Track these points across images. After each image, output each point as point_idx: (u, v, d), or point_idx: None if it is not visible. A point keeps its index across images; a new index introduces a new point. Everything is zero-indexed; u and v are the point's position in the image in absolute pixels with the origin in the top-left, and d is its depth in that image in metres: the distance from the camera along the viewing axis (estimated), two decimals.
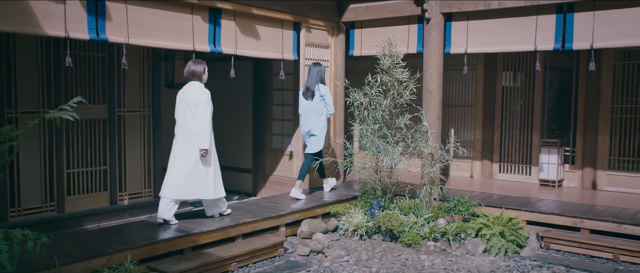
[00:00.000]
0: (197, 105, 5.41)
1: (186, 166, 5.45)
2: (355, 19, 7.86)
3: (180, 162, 5.47)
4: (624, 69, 7.67)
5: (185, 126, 5.48)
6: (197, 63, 5.59)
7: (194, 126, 5.43)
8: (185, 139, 5.47)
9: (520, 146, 8.57)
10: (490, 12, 6.68)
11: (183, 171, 5.45)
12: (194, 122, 5.43)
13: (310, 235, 6.25)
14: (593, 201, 6.91)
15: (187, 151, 5.45)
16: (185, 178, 5.46)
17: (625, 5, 5.91)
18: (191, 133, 5.43)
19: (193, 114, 5.43)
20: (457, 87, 9.03)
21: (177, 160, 5.49)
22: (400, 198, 6.98)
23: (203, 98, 5.44)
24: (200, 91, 5.50)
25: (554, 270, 5.45)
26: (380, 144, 6.64)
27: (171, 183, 5.47)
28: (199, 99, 5.42)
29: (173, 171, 5.49)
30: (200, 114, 5.41)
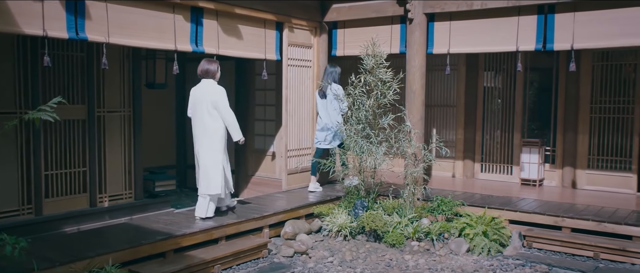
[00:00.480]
0: (216, 103, 5.63)
1: (209, 161, 5.69)
2: (337, 19, 7.84)
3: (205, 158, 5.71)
4: (602, 70, 7.78)
5: (202, 123, 5.69)
6: (210, 62, 5.77)
7: (210, 122, 5.65)
8: (203, 136, 5.69)
9: (502, 146, 8.64)
10: (472, 12, 6.72)
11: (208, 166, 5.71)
12: (211, 119, 5.64)
13: (294, 236, 6.21)
14: (573, 200, 7.00)
15: (207, 147, 5.68)
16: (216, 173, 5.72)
17: (604, 7, 5.98)
18: (208, 129, 5.65)
19: (210, 112, 5.64)
20: (439, 87, 9.08)
21: (202, 157, 5.73)
22: (383, 198, 6.98)
23: (221, 97, 5.66)
24: (216, 89, 5.70)
25: (537, 269, 5.50)
26: (363, 144, 6.63)
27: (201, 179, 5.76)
28: (217, 97, 5.64)
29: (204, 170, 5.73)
30: (223, 111, 5.65)
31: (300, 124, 7.80)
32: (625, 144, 7.64)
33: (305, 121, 7.87)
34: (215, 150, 5.70)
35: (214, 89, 5.68)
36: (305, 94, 7.85)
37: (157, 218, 6.14)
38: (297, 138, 7.77)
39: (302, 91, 7.77)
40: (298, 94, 7.74)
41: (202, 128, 5.68)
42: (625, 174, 7.60)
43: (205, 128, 5.66)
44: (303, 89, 7.80)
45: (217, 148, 5.70)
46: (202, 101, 5.67)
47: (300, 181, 7.77)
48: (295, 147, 7.75)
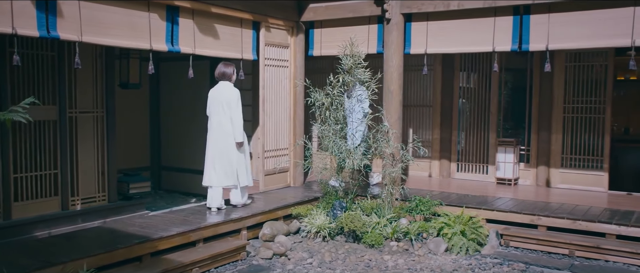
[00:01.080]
0: (229, 103, 6.08)
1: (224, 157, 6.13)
2: (314, 18, 7.80)
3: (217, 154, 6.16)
4: (574, 71, 7.91)
5: (218, 122, 6.15)
6: (227, 65, 6.23)
7: (225, 121, 6.10)
8: (218, 134, 6.16)
9: (478, 146, 8.72)
10: (449, 13, 6.75)
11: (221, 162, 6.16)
12: (226, 118, 6.09)
13: (272, 237, 6.15)
14: (547, 199, 7.09)
15: (222, 144, 6.13)
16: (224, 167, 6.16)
17: (578, 8, 6.08)
18: (224, 127, 6.12)
19: (225, 111, 6.09)
20: (416, 87, 9.11)
21: (215, 153, 6.18)
22: (362, 198, 6.97)
23: (234, 97, 6.11)
24: (231, 90, 6.16)
25: (514, 267, 5.55)
26: (342, 144, 6.60)
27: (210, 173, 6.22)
28: (231, 98, 6.10)
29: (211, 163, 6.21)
30: (233, 111, 6.08)
31: (277, 124, 7.74)
32: (597, 144, 7.78)
33: (283, 122, 7.81)
34: (229, 146, 6.13)
35: (230, 91, 6.13)
36: (282, 94, 7.78)
37: (132, 221, 6.01)
38: (274, 138, 7.70)
39: (279, 91, 7.71)
40: (275, 94, 7.67)
41: (218, 126, 6.15)
42: (597, 172, 7.74)
43: (221, 126, 6.13)
44: (280, 89, 7.74)
45: (230, 144, 6.14)
46: (218, 101, 6.14)
47: (277, 182, 7.71)
48: (273, 148, 7.68)
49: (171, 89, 9.30)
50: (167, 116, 9.43)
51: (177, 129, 9.27)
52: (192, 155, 9.06)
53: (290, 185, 7.94)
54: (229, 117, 6.09)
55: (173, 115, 9.32)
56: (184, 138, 9.19)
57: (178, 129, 9.26)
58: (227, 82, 6.21)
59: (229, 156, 6.16)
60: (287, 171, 7.89)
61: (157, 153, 9.49)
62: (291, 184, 7.95)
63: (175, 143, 9.30)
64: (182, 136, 9.21)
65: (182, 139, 9.20)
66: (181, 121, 9.22)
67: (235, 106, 6.09)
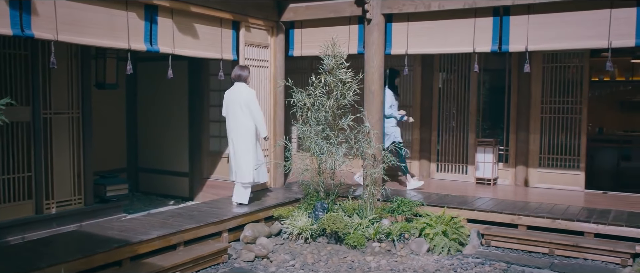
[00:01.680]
0: (248, 104, 6.41)
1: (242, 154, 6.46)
2: (295, 18, 7.75)
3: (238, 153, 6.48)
4: (551, 71, 8.02)
5: (235, 121, 6.47)
6: (243, 68, 6.62)
7: (243, 120, 6.42)
8: (237, 132, 6.47)
9: (457, 146, 8.77)
10: (430, 13, 6.76)
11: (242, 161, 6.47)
12: (243, 117, 6.41)
13: (254, 239, 6.08)
14: (526, 198, 7.16)
15: (241, 142, 6.45)
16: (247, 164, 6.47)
17: (556, 10, 6.14)
18: (241, 126, 6.44)
19: (242, 111, 6.41)
20: None
21: (236, 152, 6.51)
22: (343, 199, 6.94)
23: (252, 97, 6.45)
24: (248, 91, 6.48)
25: (496, 267, 5.57)
26: (323, 145, 6.56)
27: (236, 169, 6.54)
28: (249, 98, 6.43)
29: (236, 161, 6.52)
30: (254, 110, 6.42)
31: None
32: (574, 144, 7.89)
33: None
34: (248, 144, 6.46)
35: (247, 92, 6.45)
36: (263, 95, 7.70)
37: (110, 224, 5.87)
38: None
39: (259, 91, 7.63)
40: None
41: (235, 125, 6.47)
42: (574, 172, 7.86)
43: (238, 125, 6.44)
44: (260, 90, 7.66)
45: (249, 141, 6.47)
46: (235, 102, 6.44)
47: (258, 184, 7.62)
48: None
49: (149, 89, 9.16)
50: (144, 116, 9.29)
51: (155, 130, 9.14)
52: (171, 157, 8.95)
53: (271, 186, 7.87)
54: (248, 117, 6.41)
55: (151, 116, 9.19)
56: (162, 139, 9.06)
57: (156, 130, 9.12)
58: (243, 84, 6.51)
59: (247, 155, 6.47)
60: (268, 173, 7.81)
61: (134, 154, 9.35)
62: (271, 185, 7.88)
63: (153, 144, 9.17)
64: (161, 137, 9.08)
65: (161, 141, 9.07)
66: (159, 121, 9.09)
67: (255, 105, 6.44)
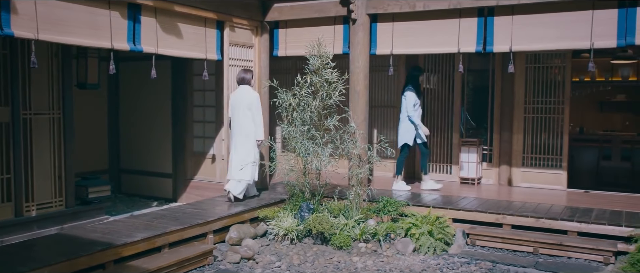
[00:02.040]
0: (251, 106, 6.70)
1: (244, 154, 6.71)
2: (279, 18, 7.70)
3: (240, 151, 6.74)
4: (534, 72, 8.09)
5: (239, 122, 6.76)
6: (246, 71, 6.90)
7: (246, 122, 6.71)
8: (239, 133, 6.75)
9: (441, 146, 8.81)
10: (415, 13, 6.78)
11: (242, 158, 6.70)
12: (246, 119, 6.70)
13: (239, 241, 6.03)
14: (510, 198, 7.22)
15: (243, 142, 6.73)
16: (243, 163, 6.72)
17: (540, 10, 6.19)
18: (244, 127, 6.73)
19: (245, 113, 6.69)
20: (380, 88, 9.13)
21: (237, 149, 6.76)
22: (328, 200, 6.92)
23: (255, 99, 6.75)
24: (251, 93, 6.79)
25: (481, 266, 5.60)
26: (309, 146, 6.53)
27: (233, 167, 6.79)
28: (252, 100, 6.73)
29: (235, 159, 6.76)
30: (255, 112, 6.70)
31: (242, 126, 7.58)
32: (556, 143, 7.98)
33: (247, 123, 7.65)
34: (249, 145, 6.74)
35: (250, 94, 6.75)
36: None
37: (92, 226, 5.78)
38: None
39: None
40: None
41: (239, 126, 6.74)
42: (557, 171, 7.94)
43: (241, 126, 6.72)
44: None
45: (250, 143, 6.75)
46: (239, 104, 6.74)
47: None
48: None
49: (131, 89, 9.05)
50: (127, 117, 9.17)
51: (138, 130, 9.03)
52: (154, 158, 8.85)
53: None
54: (250, 118, 6.68)
55: (133, 116, 9.08)
56: (145, 139, 8.96)
57: (139, 130, 9.02)
58: (247, 86, 6.80)
59: (248, 157, 6.74)
60: None
61: (116, 155, 9.23)
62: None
63: (136, 145, 9.05)
64: (144, 138, 8.98)
65: (144, 141, 8.96)
66: (142, 122, 8.98)
67: (257, 107, 6.72)
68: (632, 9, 5.81)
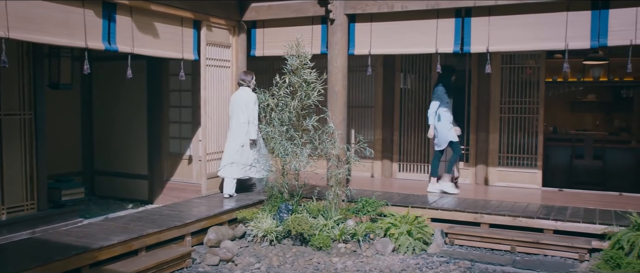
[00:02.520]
0: (247, 104, 6.96)
1: (237, 152, 7.01)
2: (257, 18, 7.65)
3: (233, 148, 7.04)
4: (510, 72, 8.20)
5: (237, 121, 7.05)
6: (247, 73, 7.24)
7: (244, 121, 6.99)
8: (237, 131, 7.04)
9: (419, 146, 8.86)
10: (393, 14, 6.80)
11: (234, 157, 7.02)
12: (244, 118, 6.98)
13: (218, 243, 5.96)
14: (487, 197, 7.28)
15: (239, 140, 7.03)
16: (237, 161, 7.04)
17: (516, 12, 6.26)
18: (241, 126, 7.01)
19: (244, 112, 6.98)
20: (357, 88, 9.15)
21: (231, 147, 7.07)
22: (307, 200, 6.89)
23: (251, 99, 6.99)
24: (248, 94, 7.06)
25: (460, 265, 5.64)
26: (288, 146, 6.49)
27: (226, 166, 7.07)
28: (249, 100, 6.99)
29: (227, 156, 7.08)
30: (249, 111, 6.95)
31: (219, 126, 7.52)
32: (531, 143, 8.10)
33: (225, 124, 7.60)
34: (245, 143, 7.06)
35: (248, 94, 7.04)
36: (224, 95, 7.57)
37: (66, 230, 5.63)
38: (216, 140, 7.48)
39: (221, 91, 7.50)
40: (217, 95, 7.46)
41: (236, 125, 7.05)
42: (532, 170, 8.06)
43: (239, 125, 7.02)
44: (222, 90, 7.53)
45: (246, 141, 7.07)
46: (238, 104, 7.04)
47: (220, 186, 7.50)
48: (215, 150, 7.46)
49: (106, 89, 8.88)
50: (101, 118, 8.99)
51: (113, 131, 8.86)
52: (129, 159, 8.70)
53: None
54: (246, 117, 6.95)
55: (108, 117, 8.91)
56: (120, 141, 8.80)
57: (113, 131, 8.85)
58: (246, 87, 7.10)
59: (244, 152, 7.04)
60: None
61: (90, 157, 9.04)
62: None
63: (111, 146, 8.89)
64: (118, 139, 8.81)
65: (118, 142, 8.80)
66: (116, 123, 8.82)
67: (253, 107, 6.96)
68: (605, 11, 5.93)
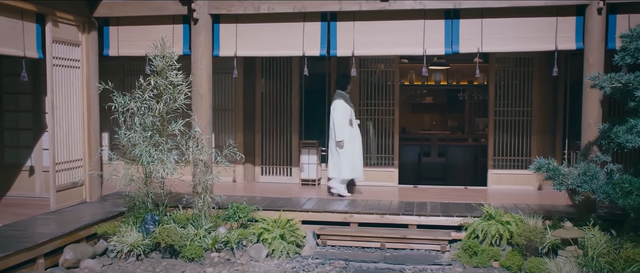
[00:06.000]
0: (334, 109, 7.31)
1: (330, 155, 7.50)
2: (110, 15, 7.03)
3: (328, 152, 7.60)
4: (367, 75, 8.57)
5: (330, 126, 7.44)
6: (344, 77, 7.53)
7: (332, 125, 7.34)
8: (331, 136, 7.43)
9: (281, 148, 8.86)
10: (259, 16, 6.70)
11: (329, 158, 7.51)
12: (332, 122, 7.33)
13: (76, 262, 5.36)
14: (352, 197, 7.50)
15: (330, 143, 7.46)
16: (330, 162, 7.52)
17: (380, 18, 6.54)
18: (331, 131, 7.40)
19: (332, 116, 7.36)
20: (217, 90, 8.86)
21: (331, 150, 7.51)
22: (173, 209, 6.50)
23: (333, 104, 7.34)
24: (334, 101, 7.36)
25: (336, 265, 5.72)
26: (153, 152, 6.05)
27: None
28: (332, 105, 7.36)
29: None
30: (335, 115, 7.27)
31: (69, 133, 6.76)
32: (388, 143, 8.56)
33: (76, 130, 6.85)
34: (332, 146, 7.44)
35: (334, 100, 7.38)
36: (75, 99, 6.83)
37: None
38: (66, 149, 6.71)
39: (71, 94, 6.76)
40: (66, 98, 6.69)
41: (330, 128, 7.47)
42: (389, 169, 8.53)
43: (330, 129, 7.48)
44: (72, 93, 6.79)
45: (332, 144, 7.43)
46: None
47: (72, 198, 6.75)
48: (65, 159, 6.68)
49: None
50: None
51: None
52: None
53: (87, 199, 7.03)
54: (332, 121, 7.29)
55: None
56: None
57: None
58: (337, 91, 7.43)
59: (332, 154, 7.42)
60: (82, 185, 6.97)
61: None
62: (87, 199, 7.04)
63: None
64: None
65: None
66: None
67: (333, 112, 7.30)
68: (456, 21, 6.46)
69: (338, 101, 7.29)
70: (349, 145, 7.32)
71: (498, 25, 6.37)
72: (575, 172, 5.49)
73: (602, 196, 5.28)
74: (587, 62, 6.05)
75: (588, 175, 5.37)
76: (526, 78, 8.27)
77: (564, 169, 5.58)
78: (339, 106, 7.25)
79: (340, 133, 7.23)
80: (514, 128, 8.33)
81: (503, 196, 7.37)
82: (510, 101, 8.33)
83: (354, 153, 7.39)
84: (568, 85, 8.04)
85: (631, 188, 4.89)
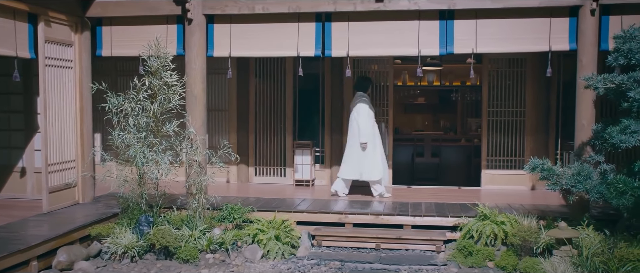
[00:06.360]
0: (358, 111, 7.34)
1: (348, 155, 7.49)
2: (103, 15, 6.98)
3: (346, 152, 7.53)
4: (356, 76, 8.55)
5: (351, 126, 7.44)
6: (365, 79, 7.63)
7: (355, 125, 7.34)
8: (352, 135, 7.42)
9: (274, 149, 8.84)
10: (254, 16, 6.68)
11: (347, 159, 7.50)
12: (355, 123, 7.34)
13: (70, 264, 5.31)
14: (346, 197, 7.50)
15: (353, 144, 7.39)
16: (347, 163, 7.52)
17: (374, 19, 6.54)
18: (354, 130, 7.38)
19: (355, 117, 7.34)
20: (211, 91, 8.81)
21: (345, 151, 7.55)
22: (167, 210, 6.47)
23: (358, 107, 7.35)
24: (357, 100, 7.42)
25: (331, 266, 5.71)
26: (148, 153, 6.01)
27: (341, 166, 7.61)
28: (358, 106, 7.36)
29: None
30: (359, 117, 7.29)
31: (62, 134, 6.70)
32: (383, 143, 8.52)
33: (68, 131, 6.80)
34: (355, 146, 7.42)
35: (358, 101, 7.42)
36: (67, 99, 6.78)
37: None
38: (59, 149, 6.65)
39: (63, 95, 6.70)
40: (59, 99, 6.64)
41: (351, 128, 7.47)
42: None
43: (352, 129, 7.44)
44: (64, 93, 6.73)
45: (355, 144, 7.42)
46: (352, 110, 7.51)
47: (64, 200, 6.70)
48: (58, 160, 6.63)
49: None
50: None
51: None
52: None
53: (79, 201, 6.98)
54: (357, 123, 7.27)
55: None
56: None
57: None
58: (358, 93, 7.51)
59: (352, 155, 7.38)
60: (75, 186, 6.91)
61: None
62: (80, 200, 6.99)
63: None
64: None
65: None
66: None
67: (357, 114, 7.31)
68: (451, 21, 6.48)
69: (362, 104, 7.33)
70: (373, 146, 7.35)
71: (492, 26, 6.40)
72: (570, 172, 5.53)
73: (596, 196, 5.32)
74: (580, 63, 6.09)
75: (582, 175, 5.41)
76: (519, 79, 8.31)
77: (558, 169, 5.61)
78: (365, 109, 7.31)
79: (364, 135, 7.25)
80: (507, 129, 8.37)
81: (496, 197, 7.40)
82: (503, 101, 8.37)
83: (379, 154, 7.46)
84: (561, 85, 8.09)
85: (625, 188, 4.93)
